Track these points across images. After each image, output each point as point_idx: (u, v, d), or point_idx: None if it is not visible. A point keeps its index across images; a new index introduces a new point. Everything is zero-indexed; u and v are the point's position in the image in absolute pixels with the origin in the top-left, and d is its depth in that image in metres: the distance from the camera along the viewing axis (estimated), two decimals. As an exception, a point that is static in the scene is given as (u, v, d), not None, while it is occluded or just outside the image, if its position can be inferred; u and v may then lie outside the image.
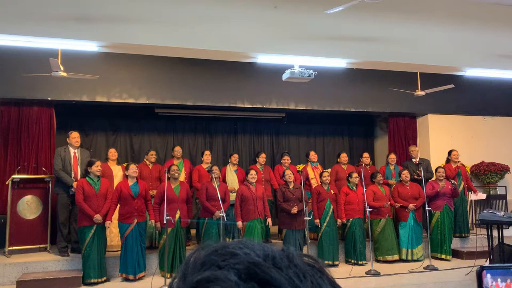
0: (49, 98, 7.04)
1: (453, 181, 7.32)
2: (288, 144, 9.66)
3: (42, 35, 4.71)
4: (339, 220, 6.87)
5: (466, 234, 7.79)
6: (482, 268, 0.69)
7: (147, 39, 4.85)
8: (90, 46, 4.93)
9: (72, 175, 6.27)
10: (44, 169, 6.89)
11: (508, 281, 0.67)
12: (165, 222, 5.64)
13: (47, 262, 6.01)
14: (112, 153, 7.01)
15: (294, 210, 6.42)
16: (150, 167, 7.14)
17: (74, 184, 6.09)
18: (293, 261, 0.46)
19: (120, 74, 7.40)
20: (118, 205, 5.96)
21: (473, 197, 7.83)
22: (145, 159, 7.25)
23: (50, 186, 6.62)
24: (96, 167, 5.85)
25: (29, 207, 6.50)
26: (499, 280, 0.67)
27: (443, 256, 7.13)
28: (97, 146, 8.43)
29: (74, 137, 6.47)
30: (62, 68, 5.72)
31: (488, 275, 0.68)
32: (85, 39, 4.69)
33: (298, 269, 0.45)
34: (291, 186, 6.69)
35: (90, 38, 4.72)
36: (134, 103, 7.54)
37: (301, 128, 9.69)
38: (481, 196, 7.78)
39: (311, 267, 0.46)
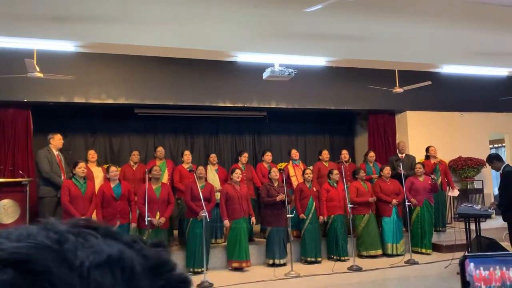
0: (25, 100, 6.89)
1: (433, 176, 7.45)
2: (270, 142, 9.68)
3: (17, 35, 4.60)
4: (321, 217, 6.93)
5: (442, 228, 7.94)
6: (465, 257, 0.71)
7: (125, 38, 4.79)
8: (66, 46, 4.85)
9: (62, 177, 6.20)
10: (21, 172, 6.74)
11: (491, 269, 0.68)
12: (146, 223, 5.59)
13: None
14: (92, 154, 6.91)
15: (280, 197, 6.45)
16: (134, 168, 7.06)
17: None
18: (52, 229, 0.43)
19: (98, 74, 7.29)
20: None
21: (449, 193, 8.00)
22: (130, 160, 7.17)
23: (27, 189, 6.48)
24: (80, 168, 5.79)
25: (6, 211, 6.34)
26: (481, 268, 0.69)
27: (423, 250, 7.26)
28: (76, 148, 8.29)
29: (59, 138, 6.48)
30: (38, 68, 5.60)
31: (472, 264, 0.69)
32: (61, 39, 4.60)
33: (59, 234, 0.42)
34: (276, 184, 6.73)
35: (67, 38, 4.64)
36: (113, 103, 7.44)
37: (283, 126, 9.72)
38: (455, 193, 7.96)
39: (78, 228, 0.44)
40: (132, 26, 4.78)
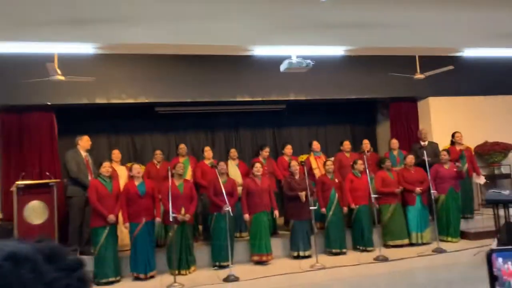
0: (48, 103, 7.04)
1: (457, 163, 7.29)
2: (290, 135, 9.64)
3: (38, 40, 4.70)
4: (345, 208, 6.88)
5: (470, 215, 7.77)
6: (492, 251, 0.69)
7: (142, 38, 4.83)
8: (85, 48, 4.93)
9: (89, 178, 6.34)
10: (47, 173, 6.91)
11: None
12: (171, 219, 5.66)
13: (57, 266, 6.04)
14: (116, 154, 7.02)
15: (302, 195, 6.44)
16: (158, 166, 7.14)
17: None
18: None
19: (118, 74, 7.39)
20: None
21: (476, 180, 7.82)
22: (153, 159, 7.26)
23: (55, 190, 6.65)
24: (104, 168, 5.92)
25: (35, 212, 6.52)
26: (510, 263, 0.67)
27: (449, 239, 7.13)
28: (99, 148, 8.44)
29: (87, 140, 6.66)
30: (59, 72, 5.71)
31: (500, 259, 0.68)
32: (80, 41, 4.67)
33: None
34: (296, 177, 6.71)
35: (85, 40, 4.71)
36: (134, 102, 7.54)
37: (302, 118, 9.66)
38: (482, 180, 7.77)
39: None
40: (148, 26, 4.82)
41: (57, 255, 0.54)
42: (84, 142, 6.60)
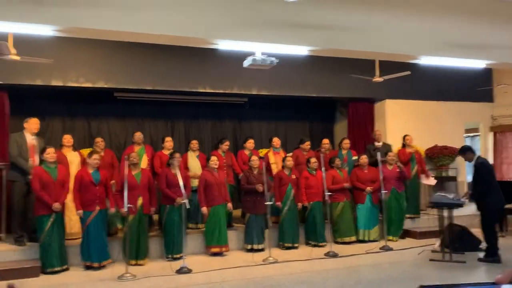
0: (0, 82, 6.73)
1: (399, 164, 7.55)
2: (250, 129, 9.71)
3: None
4: (299, 204, 7.04)
5: (416, 215, 8.13)
6: (421, 287, 0.79)
7: (104, 23, 4.70)
8: (44, 30, 4.73)
9: (30, 163, 6.06)
10: (-4, 156, 6.62)
11: None
12: (126, 209, 5.59)
13: (3, 252, 5.84)
14: (67, 139, 6.77)
15: (260, 187, 6.53)
16: (102, 154, 6.91)
17: None
18: None
19: (76, 57, 7.17)
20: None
21: (424, 181, 8.19)
22: (94, 147, 7.00)
23: (4, 173, 6.38)
24: (48, 154, 5.68)
25: (-18, 195, 6.24)
26: None
27: (390, 238, 7.43)
28: (53, 131, 8.17)
29: (34, 123, 6.28)
30: (14, 51, 5.47)
31: None
32: (40, 23, 4.49)
33: None
34: (255, 172, 6.79)
35: (45, 22, 4.53)
36: (92, 87, 7.34)
37: (263, 113, 9.75)
38: (432, 181, 8.16)
39: None
40: (110, 11, 4.69)
41: None
42: (30, 125, 6.22)
